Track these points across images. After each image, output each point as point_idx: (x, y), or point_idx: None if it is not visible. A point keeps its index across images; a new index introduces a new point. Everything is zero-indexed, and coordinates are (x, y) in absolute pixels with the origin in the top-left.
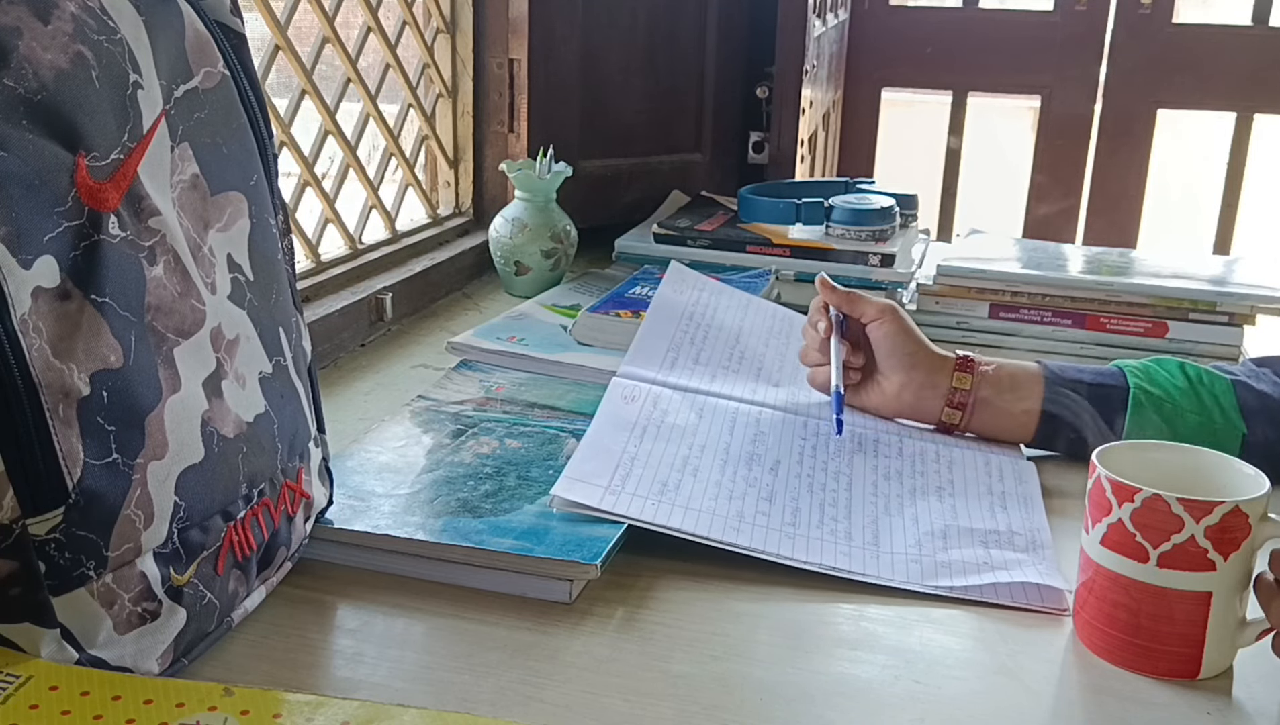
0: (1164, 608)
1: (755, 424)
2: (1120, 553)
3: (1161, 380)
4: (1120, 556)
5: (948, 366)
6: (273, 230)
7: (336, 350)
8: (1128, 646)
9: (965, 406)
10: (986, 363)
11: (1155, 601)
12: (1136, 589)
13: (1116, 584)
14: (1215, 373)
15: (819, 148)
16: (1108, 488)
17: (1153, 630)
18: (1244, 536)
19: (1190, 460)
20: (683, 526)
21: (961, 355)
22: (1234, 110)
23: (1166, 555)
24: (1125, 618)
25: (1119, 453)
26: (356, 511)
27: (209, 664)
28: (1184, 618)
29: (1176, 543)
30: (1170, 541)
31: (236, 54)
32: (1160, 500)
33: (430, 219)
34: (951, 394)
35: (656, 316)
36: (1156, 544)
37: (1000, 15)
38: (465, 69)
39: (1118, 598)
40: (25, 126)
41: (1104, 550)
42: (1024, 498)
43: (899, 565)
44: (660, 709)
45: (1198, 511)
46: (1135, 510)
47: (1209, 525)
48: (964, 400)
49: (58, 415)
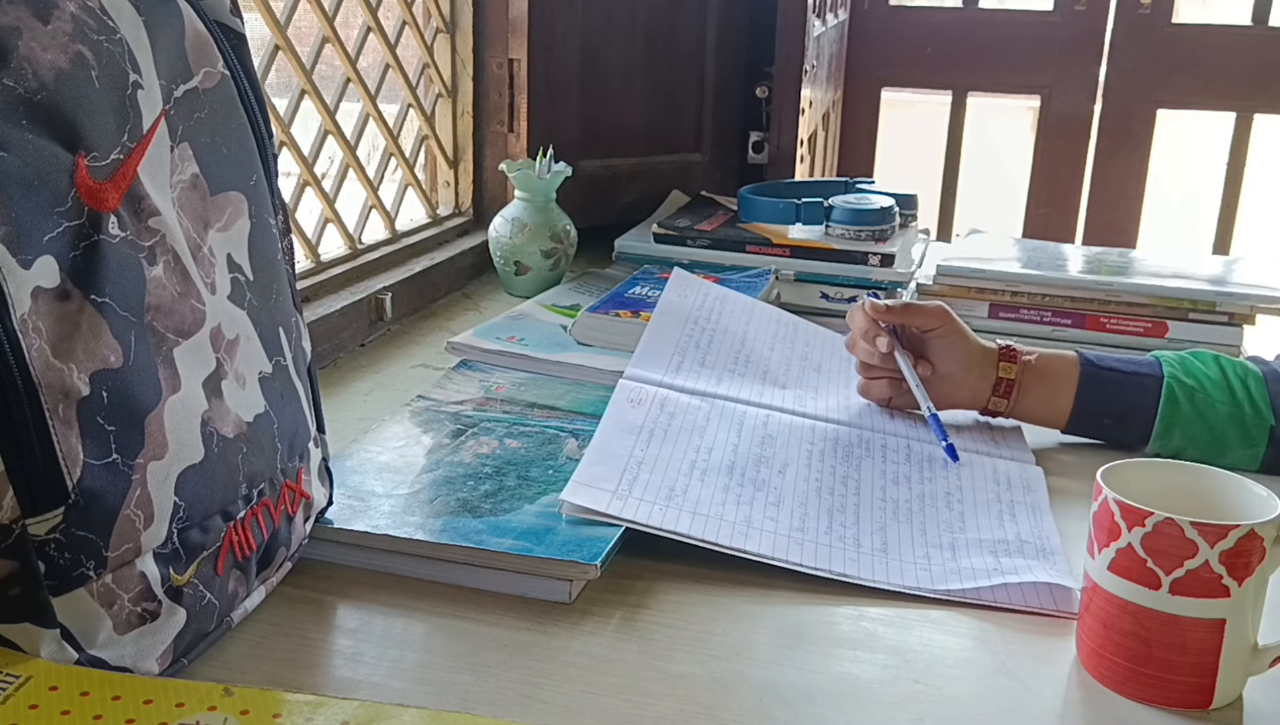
0: (1176, 636)
1: (763, 427)
2: (1130, 579)
3: (1195, 371)
4: (1130, 583)
5: (993, 357)
6: (273, 230)
7: (336, 350)
8: (1137, 677)
9: (1010, 394)
10: (1028, 352)
11: (1167, 630)
12: (1147, 617)
13: (1125, 612)
14: (1249, 365)
15: (819, 148)
16: (1116, 511)
17: (1164, 660)
18: (1259, 560)
19: (1197, 480)
20: (690, 532)
21: (1004, 345)
22: (1234, 110)
23: (1179, 582)
24: (1135, 647)
25: (1124, 472)
26: (356, 511)
27: (209, 664)
28: (1197, 646)
29: (1190, 568)
30: (1183, 567)
31: (236, 54)
32: (1173, 524)
33: (430, 219)
34: (998, 383)
35: (661, 321)
36: (1169, 570)
37: (1000, 15)
38: (465, 69)
39: (1127, 626)
40: (25, 126)
41: (1112, 577)
42: (1033, 506)
43: (908, 572)
44: (660, 709)
45: (1212, 535)
46: (1146, 535)
47: (1224, 550)
48: (1009, 389)
49: (57, 415)
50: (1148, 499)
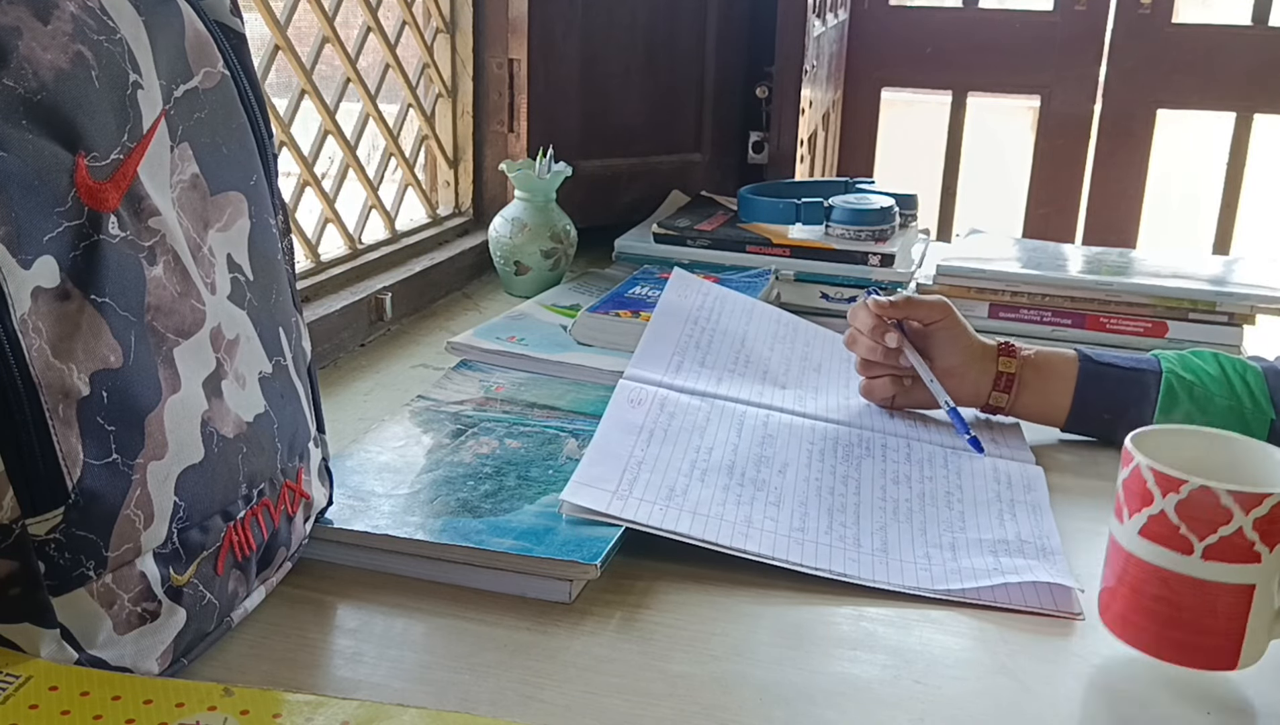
0: (1207, 601)
1: (763, 427)
2: (1162, 544)
3: (1194, 367)
4: (1162, 548)
5: (993, 352)
6: (273, 230)
7: (336, 350)
8: (1165, 640)
9: (1011, 388)
10: (1026, 349)
11: (1197, 594)
12: (1178, 582)
13: (1156, 576)
14: (1248, 362)
15: (819, 147)
16: (1149, 478)
17: (1193, 624)
18: None
19: (1223, 446)
20: (690, 532)
21: (1003, 342)
22: (1234, 110)
23: (1212, 548)
24: (1165, 611)
25: (1152, 438)
26: (356, 511)
27: (209, 664)
28: (1226, 611)
29: (1224, 535)
30: (1217, 533)
31: (236, 54)
32: (1209, 492)
33: (430, 219)
34: (999, 378)
35: (661, 321)
36: (1203, 536)
37: (1000, 15)
38: (465, 69)
39: (1157, 590)
40: (25, 126)
41: (1143, 541)
42: (1033, 505)
43: (908, 572)
44: (660, 709)
45: (1248, 503)
46: (1181, 501)
47: (1259, 517)
48: (1010, 383)
49: (57, 415)
50: (1177, 465)
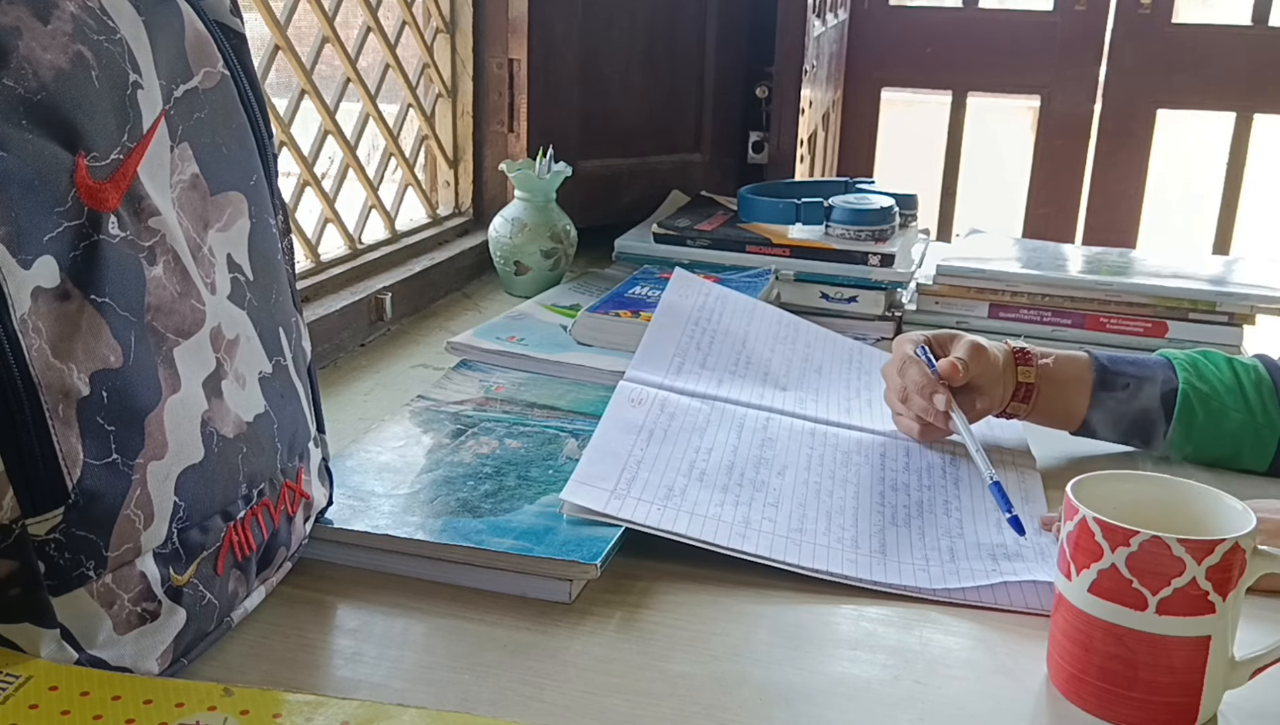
0: (1163, 657)
1: (763, 428)
2: (1114, 601)
3: (1210, 375)
4: (1114, 605)
5: (1010, 361)
6: (272, 230)
7: (336, 350)
8: (1121, 700)
9: (1030, 398)
10: (1043, 356)
11: (1154, 651)
12: (1133, 639)
13: (1110, 635)
14: (1260, 368)
15: (819, 147)
16: (1097, 531)
17: (1150, 682)
18: (1239, 574)
19: (1168, 493)
20: (688, 532)
21: (1016, 347)
22: (1234, 110)
23: (1166, 601)
24: (1120, 670)
25: (1094, 486)
26: (356, 511)
27: (209, 664)
28: (1184, 665)
29: (1177, 587)
30: (1171, 586)
31: (236, 54)
32: (1160, 543)
33: (430, 219)
34: (1018, 388)
35: (662, 321)
36: (1156, 590)
37: (1000, 15)
38: (465, 69)
39: (1111, 649)
40: (25, 126)
41: (1094, 599)
42: (1031, 514)
43: (906, 572)
44: (660, 709)
45: (1199, 552)
46: (1131, 554)
47: (1210, 566)
48: (1029, 393)
49: (57, 415)
50: (1122, 515)
